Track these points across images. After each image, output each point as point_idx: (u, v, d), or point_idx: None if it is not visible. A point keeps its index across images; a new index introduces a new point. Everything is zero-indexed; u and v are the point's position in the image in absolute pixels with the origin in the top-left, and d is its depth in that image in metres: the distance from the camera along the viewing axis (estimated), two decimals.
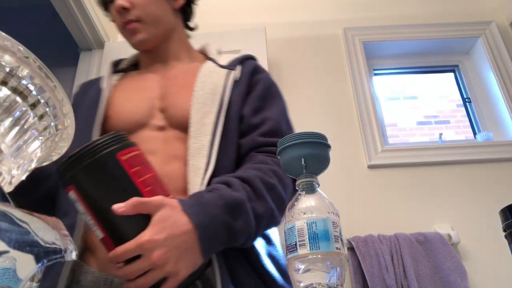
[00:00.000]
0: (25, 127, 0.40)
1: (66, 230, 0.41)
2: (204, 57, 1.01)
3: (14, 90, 0.39)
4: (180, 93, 0.87)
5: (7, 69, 0.38)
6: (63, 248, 0.38)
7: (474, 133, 2.00)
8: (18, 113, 0.39)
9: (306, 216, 0.51)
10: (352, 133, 1.84)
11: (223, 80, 0.87)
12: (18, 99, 0.39)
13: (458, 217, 1.64)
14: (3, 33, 0.38)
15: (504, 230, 0.58)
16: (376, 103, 1.95)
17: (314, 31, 2.11)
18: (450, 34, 2.09)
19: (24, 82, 0.39)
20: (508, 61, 1.99)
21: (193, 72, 0.90)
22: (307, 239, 0.49)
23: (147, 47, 0.96)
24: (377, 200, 1.69)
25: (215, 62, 0.94)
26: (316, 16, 2.15)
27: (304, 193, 0.54)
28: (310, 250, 0.49)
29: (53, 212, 0.79)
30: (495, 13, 2.16)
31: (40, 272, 0.36)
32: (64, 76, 2.04)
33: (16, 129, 0.39)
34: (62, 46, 2.15)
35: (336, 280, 0.48)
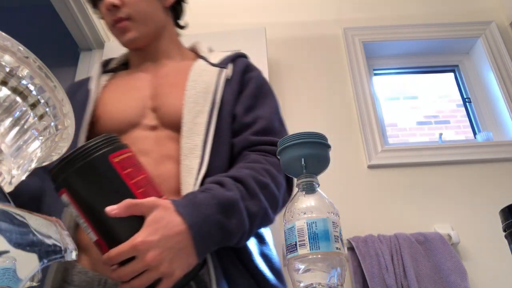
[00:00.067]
0: (25, 127, 0.40)
1: (66, 230, 0.41)
2: (195, 55, 1.00)
3: (14, 90, 0.39)
4: (172, 93, 0.86)
5: (7, 69, 0.38)
6: (63, 248, 0.38)
7: (474, 133, 2.00)
8: (18, 113, 0.39)
9: (306, 216, 0.51)
10: (352, 133, 1.84)
11: (215, 79, 0.87)
12: (18, 99, 0.39)
13: (458, 217, 1.64)
14: (3, 33, 0.38)
15: (504, 230, 0.58)
16: (376, 103, 1.95)
17: (314, 31, 2.10)
18: (450, 34, 2.08)
19: (24, 82, 0.39)
20: (508, 61, 1.99)
21: (185, 71, 0.89)
22: (307, 239, 0.49)
23: (138, 46, 0.95)
24: (377, 200, 1.69)
25: (206, 60, 0.93)
26: (316, 16, 2.15)
27: (304, 193, 0.54)
28: (310, 250, 0.49)
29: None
30: (495, 13, 2.16)
31: (40, 272, 0.36)
32: (64, 76, 2.03)
33: (16, 129, 0.39)
34: (62, 46, 2.15)
35: (336, 280, 0.48)
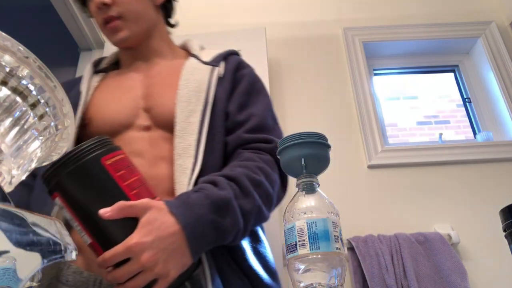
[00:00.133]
0: (25, 127, 0.40)
1: (66, 230, 0.41)
2: (187, 53, 0.99)
3: (14, 90, 0.39)
4: (164, 92, 0.85)
5: (7, 69, 0.38)
6: (63, 248, 0.38)
7: (474, 133, 2.00)
8: (18, 113, 0.39)
9: (306, 216, 0.51)
10: (352, 133, 1.84)
11: (207, 77, 0.86)
12: (18, 99, 0.39)
13: (458, 217, 1.64)
14: (3, 33, 0.38)
15: (504, 230, 0.58)
16: (376, 103, 1.95)
17: (314, 31, 2.10)
18: (450, 34, 2.08)
19: (24, 82, 0.39)
20: (508, 61, 1.99)
21: (176, 70, 0.89)
22: (307, 239, 0.49)
23: (129, 45, 0.94)
24: (377, 200, 1.68)
25: (198, 59, 0.93)
26: (316, 16, 2.15)
27: (304, 193, 0.54)
28: (310, 250, 0.49)
29: None
30: (495, 13, 2.16)
31: (40, 272, 0.36)
32: (64, 76, 2.03)
33: (16, 129, 0.39)
34: (62, 46, 2.15)
35: (336, 280, 0.48)
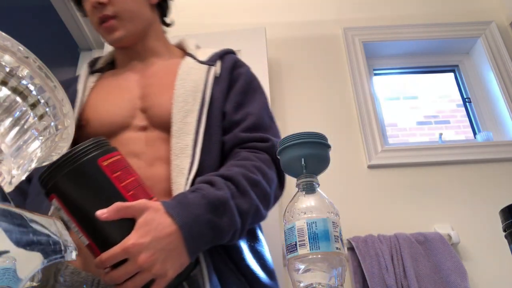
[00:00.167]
0: (25, 127, 0.40)
1: (66, 230, 0.41)
2: (182, 52, 0.99)
3: (14, 90, 0.39)
4: (161, 92, 0.85)
5: (7, 69, 0.38)
6: (63, 248, 0.38)
7: (474, 133, 2.00)
8: (18, 113, 0.39)
9: (306, 216, 0.51)
10: (352, 133, 1.84)
11: (204, 77, 0.86)
12: (18, 99, 0.39)
13: (458, 217, 1.64)
14: (3, 33, 0.38)
15: (504, 230, 0.58)
16: (376, 103, 1.95)
17: (314, 31, 2.10)
18: (450, 34, 2.08)
19: (24, 82, 0.39)
20: (508, 61, 1.99)
21: (173, 69, 0.88)
22: (307, 239, 0.49)
23: (125, 45, 0.94)
24: (377, 200, 1.68)
25: (194, 58, 0.93)
26: (316, 16, 2.15)
27: (304, 193, 0.54)
28: (310, 250, 0.49)
29: None
30: (495, 13, 2.16)
31: (40, 272, 0.36)
32: (64, 76, 2.03)
33: (16, 129, 0.39)
34: (62, 46, 2.15)
35: (336, 280, 0.48)
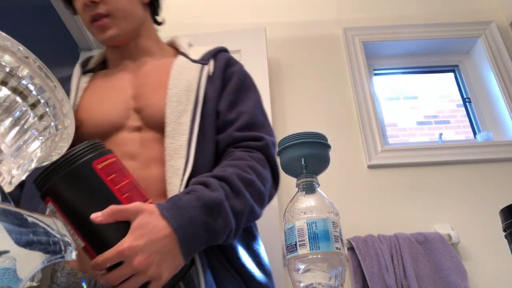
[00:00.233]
0: (25, 127, 0.40)
1: (70, 226, 0.41)
2: (175, 51, 0.99)
3: (14, 90, 0.39)
4: (154, 92, 0.85)
5: (7, 69, 0.38)
6: (63, 248, 0.38)
7: (474, 133, 2.00)
8: (18, 113, 0.39)
9: (306, 216, 0.51)
10: (352, 133, 1.84)
11: (197, 76, 0.86)
12: (18, 99, 0.39)
13: (458, 217, 1.64)
14: (3, 33, 0.38)
15: (504, 230, 0.58)
16: (376, 103, 1.95)
17: (314, 31, 2.10)
18: (450, 34, 2.08)
19: (24, 82, 0.39)
20: (508, 61, 1.99)
21: (166, 69, 0.88)
22: (307, 239, 0.49)
23: (118, 43, 0.93)
24: (377, 200, 1.68)
25: (187, 57, 0.92)
26: (316, 16, 2.15)
27: (304, 193, 0.54)
28: (310, 250, 0.49)
29: None
30: (495, 13, 2.16)
31: (40, 272, 0.36)
32: (64, 76, 2.03)
33: (16, 129, 0.39)
34: (62, 46, 2.15)
35: (336, 280, 0.48)
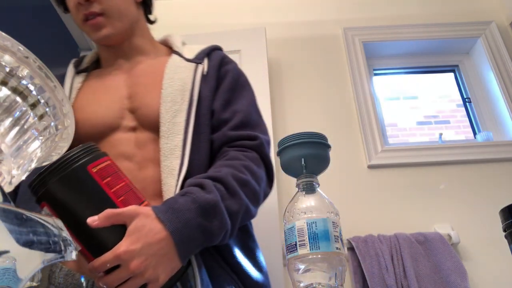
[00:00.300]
0: (25, 127, 0.40)
1: (66, 230, 0.41)
2: (169, 50, 0.98)
3: (14, 90, 0.39)
4: (149, 92, 0.84)
5: (7, 69, 0.38)
6: (63, 248, 0.38)
7: (474, 133, 2.00)
8: (18, 113, 0.39)
9: (306, 216, 0.51)
10: (352, 133, 1.84)
11: (191, 75, 0.86)
12: (18, 99, 0.39)
13: (458, 217, 1.64)
14: (3, 33, 0.38)
15: (504, 230, 0.58)
16: (376, 103, 1.95)
17: (314, 31, 2.10)
18: (450, 34, 2.08)
19: (24, 82, 0.39)
20: (508, 61, 1.99)
21: (160, 68, 0.88)
22: (307, 239, 0.49)
23: (112, 43, 0.93)
24: (377, 200, 1.68)
25: (181, 55, 0.92)
26: (316, 16, 2.15)
27: (304, 193, 0.54)
28: (310, 250, 0.49)
29: None
30: (495, 13, 2.16)
31: (40, 272, 0.36)
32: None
33: (16, 129, 0.39)
34: (62, 46, 2.15)
35: (336, 280, 0.48)
